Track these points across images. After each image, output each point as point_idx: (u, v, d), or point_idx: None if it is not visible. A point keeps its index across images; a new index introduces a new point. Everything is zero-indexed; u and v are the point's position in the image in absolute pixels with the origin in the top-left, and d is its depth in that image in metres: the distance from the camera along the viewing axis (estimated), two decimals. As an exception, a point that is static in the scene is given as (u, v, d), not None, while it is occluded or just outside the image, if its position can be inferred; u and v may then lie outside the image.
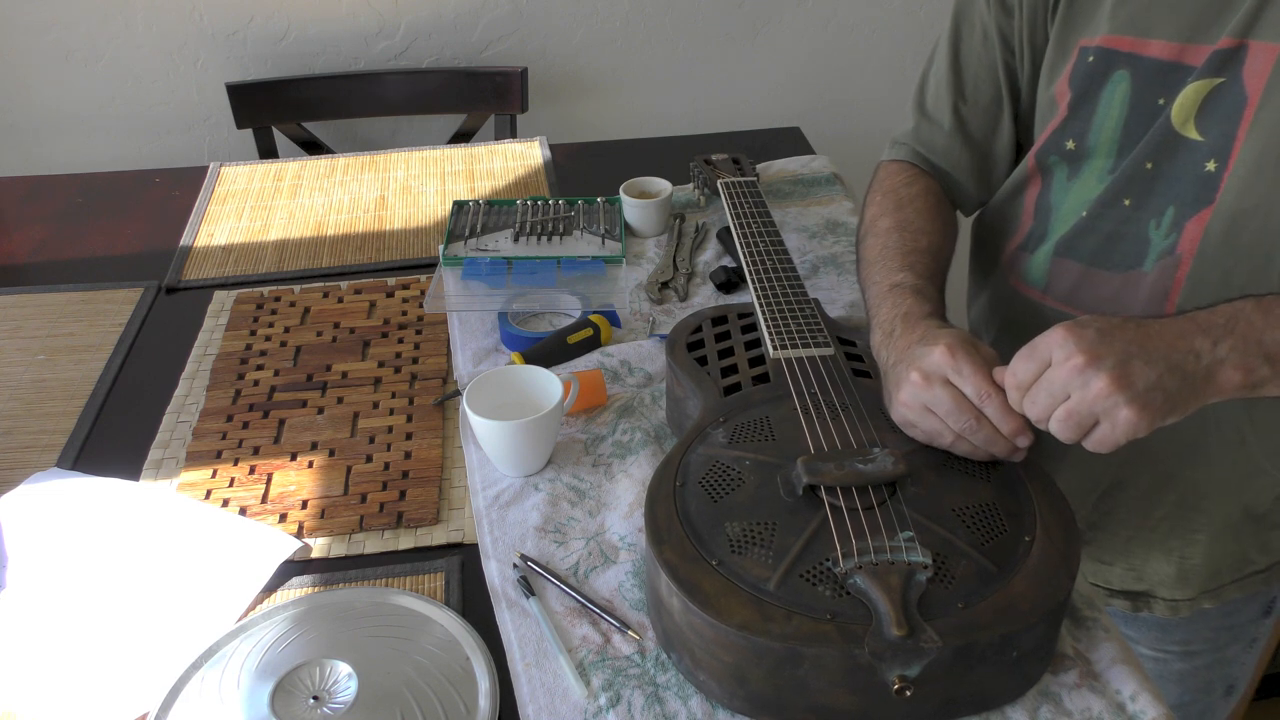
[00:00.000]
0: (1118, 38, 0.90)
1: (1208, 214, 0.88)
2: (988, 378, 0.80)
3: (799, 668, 0.71)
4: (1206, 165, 0.87)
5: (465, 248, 1.34)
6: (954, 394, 0.80)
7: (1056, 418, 0.75)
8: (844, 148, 1.81)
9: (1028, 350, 0.77)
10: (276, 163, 1.66)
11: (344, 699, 0.78)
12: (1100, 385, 0.72)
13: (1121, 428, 0.73)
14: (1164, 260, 0.91)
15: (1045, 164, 0.99)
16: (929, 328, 0.86)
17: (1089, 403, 0.73)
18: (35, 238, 1.46)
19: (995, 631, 0.71)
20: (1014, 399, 0.78)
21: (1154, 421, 0.73)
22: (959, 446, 0.83)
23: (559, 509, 0.95)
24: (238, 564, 0.91)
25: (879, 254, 0.99)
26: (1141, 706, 0.75)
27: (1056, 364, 0.75)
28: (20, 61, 1.91)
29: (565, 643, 0.82)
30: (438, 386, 1.13)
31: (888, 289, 0.94)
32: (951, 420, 0.81)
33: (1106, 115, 0.92)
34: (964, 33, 1.03)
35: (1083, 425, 0.75)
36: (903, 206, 1.03)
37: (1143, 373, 0.73)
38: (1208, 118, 0.86)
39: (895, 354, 0.87)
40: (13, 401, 1.14)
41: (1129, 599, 1.08)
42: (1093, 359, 0.73)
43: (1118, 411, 0.72)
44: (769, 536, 0.77)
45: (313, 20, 1.94)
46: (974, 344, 0.82)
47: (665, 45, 2.07)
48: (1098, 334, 0.74)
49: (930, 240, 1.00)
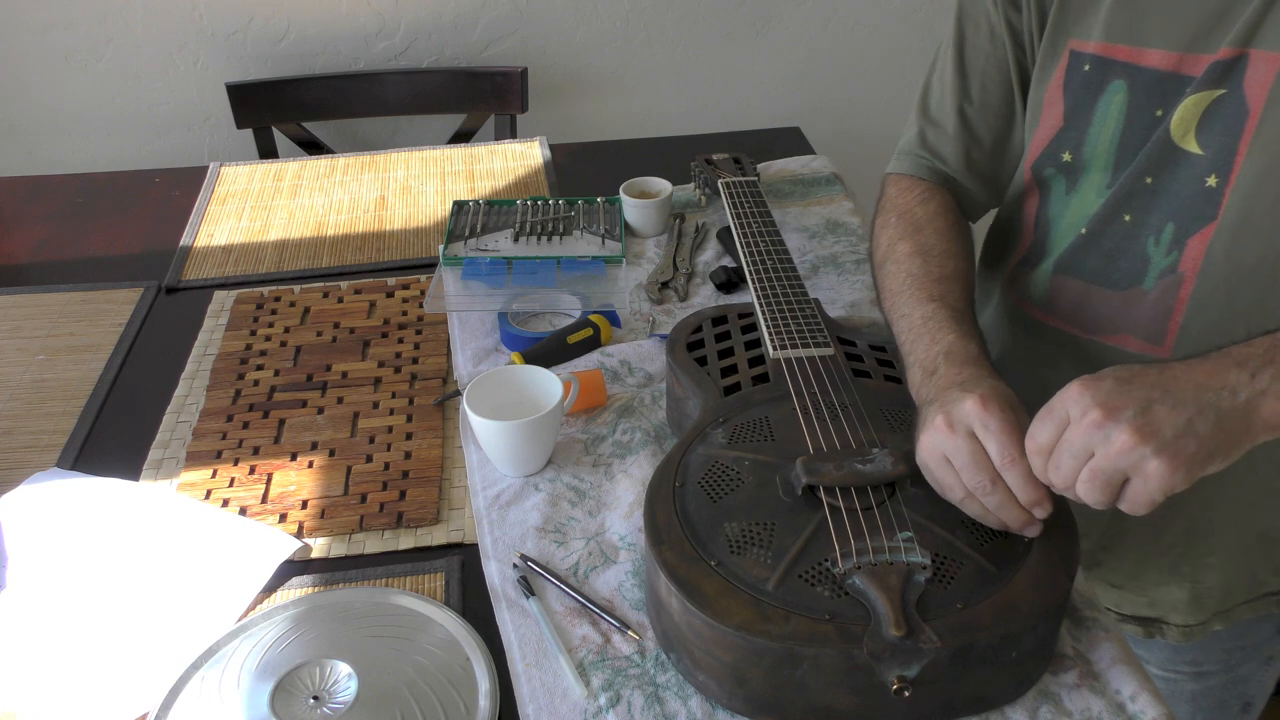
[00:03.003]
0: (1114, 46, 0.87)
1: (1210, 231, 0.84)
2: (1016, 439, 0.74)
3: (798, 668, 0.71)
4: (1207, 180, 0.83)
5: (465, 248, 1.34)
6: (975, 448, 0.74)
7: (1082, 480, 0.70)
8: (844, 148, 1.81)
9: (1045, 411, 0.72)
10: (276, 163, 1.66)
11: (344, 699, 0.78)
12: (1123, 438, 0.67)
13: (1155, 482, 0.67)
14: (1165, 279, 0.88)
15: (1042, 176, 0.96)
16: (973, 374, 0.80)
17: (1113, 459, 0.67)
18: (35, 238, 1.46)
19: (994, 632, 0.71)
20: (1036, 466, 0.72)
21: (1191, 471, 0.67)
22: (969, 506, 0.76)
23: (559, 509, 0.95)
24: (238, 564, 0.91)
25: (904, 283, 0.94)
26: (1141, 706, 0.75)
27: (1074, 421, 0.69)
28: (20, 61, 1.91)
29: (565, 643, 0.82)
30: (438, 386, 1.13)
31: (921, 322, 0.89)
32: (966, 475, 0.75)
33: (1103, 127, 0.89)
34: (969, 33, 0.99)
35: (1112, 484, 0.69)
36: (921, 229, 0.98)
37: (1169, 418, 0.67)
38: (1208, 130, 0.83)
39: (933, 392, 0.81)
40: (13, 401, 1.14)
41: (1141, 624, 1.05)
42: (1111, 411, 0.67)
43: (1146, 465, 0.67)
44: (768, 537, 0.77)
45: (313, 20, 1.94)
46: (1012, 402, 0.76)
47: (665, 45, 2.07)
48: (1115, 384, 0.69)
49: (956, 265, 0.95)
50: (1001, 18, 0.95)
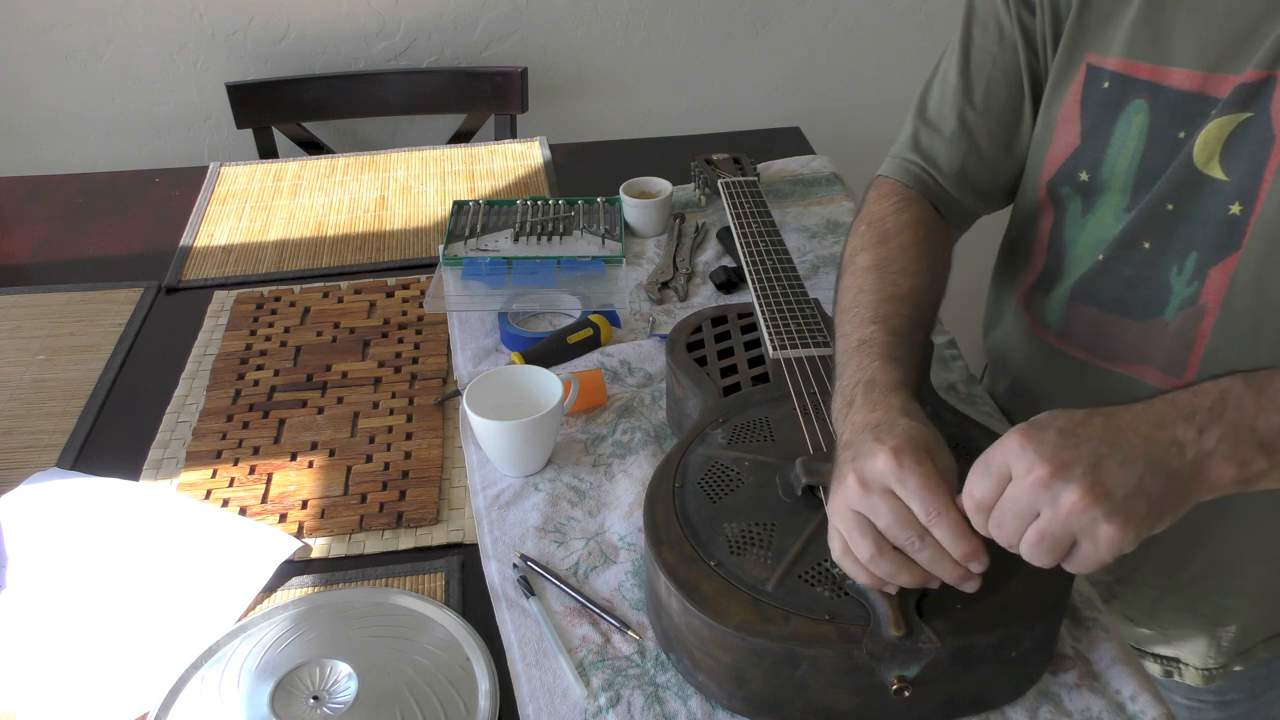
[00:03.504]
0: (1135, 63, 0.83)
1: (1234, 261, 0.81)
2: (938, 493, 0.67)
3: (797, 668, 0.71)
4: (1231, 208, 0.80)
5: (465, 248, 1.34)
6: (896, 505, 0.68)
7: (1027, 541, 0.64)
8: (844, 148, 1.81)
9: (982, 464, 0.66)
10: (276, 163, 1.66)
11: (344, 699, 0.78)
12: (1072, 499, 0.62)
13: (1105, 545, 0.63)
14: (1187, 310, 0.85)
15: (1058, 195, 0.92)
16: (884, 415, 0.74)
17: (1063, 521, 0.62)
18: (35, 238, 1.46)
19: (994, 632, 0.71)
20: (976, 522, 0.67)
21: (1140, 533, 0.63)
22: (878, 565, 0.69)
23: (559, 509, 0.95)
24: (238, 564, 0.91)
25: (853, 299, 0.88)
26: (1141, 706, 0.75)
27: (1018, 478, 0.64)
28: (20, 61, 1.91)
29: (565, 643, 0.82)
30: (438, 386, 1.13)
31: (855, 345, 0.83)
32: (894, 534, 0.68)
33: (1122, 147, 0.86)
34: (977, 35, 0.94)
35: (1059, 547, 0.64)
36: (886, 240, 0.92)
37: (1120, 477, 0.62)
38: (1233, 156, 0.79)
39: (847, 433, 0.75)
40: (13, 401, 1.14)
41: (1159, 662, 1.03)
42: (1058, 468, 0.62)
43: (1097, 528, 0.62)
44: (768, 537, 0.77)
45: (313, 20, 1.94)
46: (928, 448, 0.70)
47: (665, 45, 2.07)
48: (1060, 436, 0.63)
49: (913, 285, 0.88)
50: (1014, 20, 0.91)
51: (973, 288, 0.97)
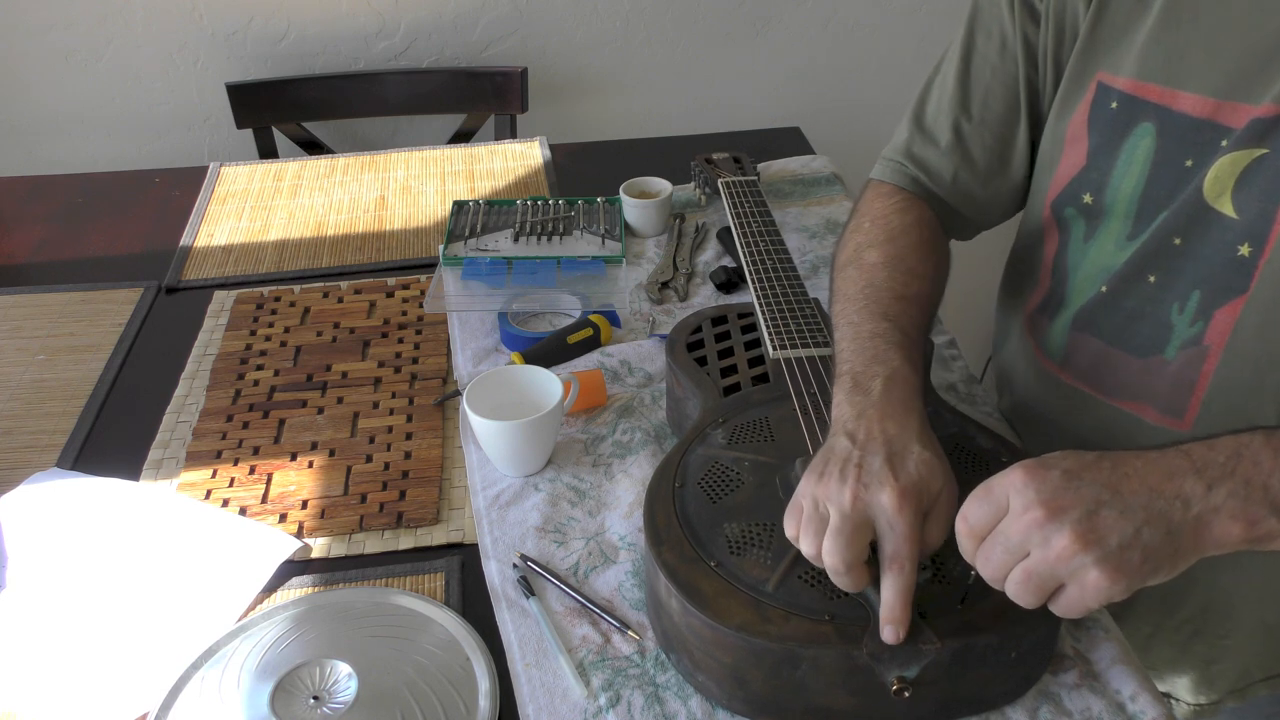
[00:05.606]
0: (1145, 85, 0.80)
1: (1240, 304, 0.78)
2: (913, 547, 0.68)
3: (797, 669, 0.71)
4: (1240, 249, 0.77)
5: (465, 248, 1.34)
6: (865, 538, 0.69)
7: (1013, 579, 0.64)
8: (844, 148, 1.81)
9: (983, 490, 0.66)
10: (276, 163, 1.66)
11: (344, 699, 0.78)
12: (1063, 543, 0.61)
13: (1091, 592, 0.62)
14: (1188, 350, 0.82)
15: (1061, 216, 0.90)
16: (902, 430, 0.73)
17: (1051, 563, 0.62)
18: (35, 238, 1.46)
19: (994, 633, 0.71)
20: (966, 548, 0.67)
21: (1131, 584, 0.62)
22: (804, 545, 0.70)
23: (559, 509, 0.95)
24: (238, 564, 0.91)
25: (861, 290, 0.87)
26: (1141, 706, 0.75)
27: (1014, 514, 0.63)
28: (20, 61, 1.91)
29: (565, 643, 0.82)
30: (438, 386, 1.13)
31: (869, 336, 0.82)
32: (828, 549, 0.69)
33: (1126, 172, 0.83)
34: (979, 41, 0.92)
35: (1045, 588, 0.63)
36: (894, 239, 0.91)
37: (1115, 525, 0.61)
38: (1245, 193, 0.75)
39: (856, 426, 0.74)
40: (13, 401, 1.14)
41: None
42: (1054, 511, 0.62)
43: (1085, 574, 0.61)
44: (767, 537, 0.77)
45: (313, 20, 1.94)
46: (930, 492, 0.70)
47: (665, 45, 2.07)
48: (1063, 477, 0.63)
49: (921, 287, 0.88)
50: (1017, 30, 0.89)
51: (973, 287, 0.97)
